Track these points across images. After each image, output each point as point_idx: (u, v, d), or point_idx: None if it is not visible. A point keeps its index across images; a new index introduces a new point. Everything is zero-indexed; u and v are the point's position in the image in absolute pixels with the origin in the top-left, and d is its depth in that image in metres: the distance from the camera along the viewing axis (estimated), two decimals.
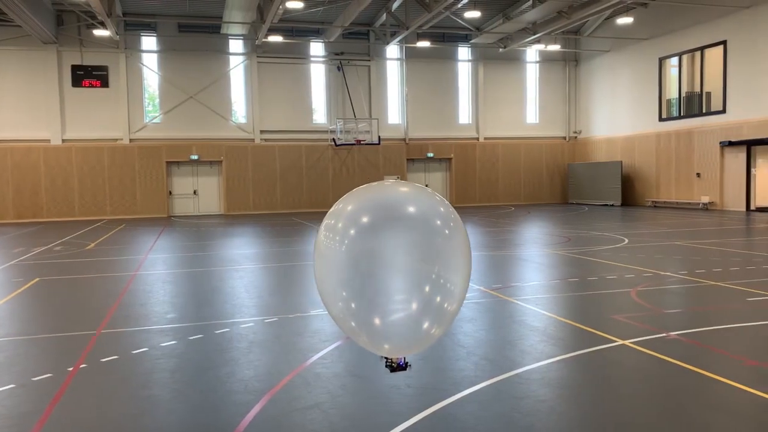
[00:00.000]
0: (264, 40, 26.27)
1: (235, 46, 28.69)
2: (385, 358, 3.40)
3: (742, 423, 4.09)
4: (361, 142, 28.97)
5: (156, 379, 5.15)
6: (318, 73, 29.82)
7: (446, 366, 5.33)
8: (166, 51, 27.75)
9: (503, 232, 17.51)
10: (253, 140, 28.86)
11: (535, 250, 13.26)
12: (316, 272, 3.20)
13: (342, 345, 5.96)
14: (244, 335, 6.43)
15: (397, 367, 3.41)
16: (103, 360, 5.64)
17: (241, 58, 28.66)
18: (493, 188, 31.76)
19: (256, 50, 28.31)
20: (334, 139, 29.18)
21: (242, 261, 12.41)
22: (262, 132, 28.93)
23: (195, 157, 28.10)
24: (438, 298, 2.98)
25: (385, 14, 26.71)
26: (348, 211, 3.04)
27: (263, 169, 28.88)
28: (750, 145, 22.91)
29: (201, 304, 8.30)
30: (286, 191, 29.17)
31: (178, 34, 27.69)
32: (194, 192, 28.67)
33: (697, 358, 5.38)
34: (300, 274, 10.68)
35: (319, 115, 30.12)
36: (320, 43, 29.21)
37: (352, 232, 2.95)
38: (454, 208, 3.25)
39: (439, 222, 3.02)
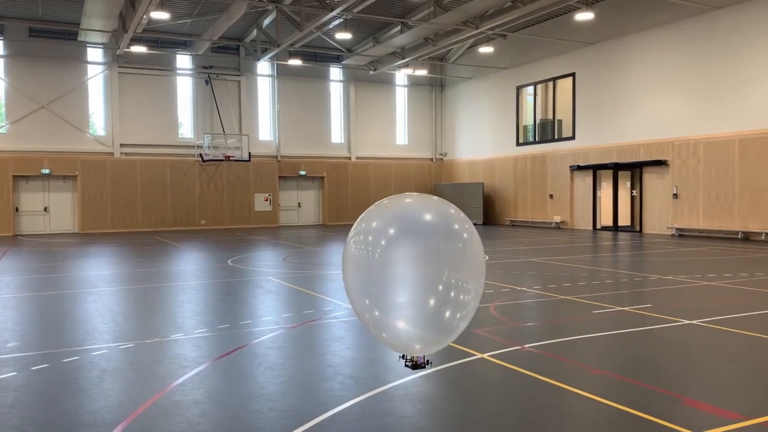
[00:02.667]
0: (126, 49, 25.01)
1: (94, 54, 27.05)
2: (404, 356, 3.61)
3: (588, 429, 4.39)
4: (231, 158, 28.29)
5: None
6: (185, 87, 28.83)
7: (312, 387, 5.28)
8: (14, 56, 25.59)
9: None
10: (112, 154, 27.26)
11: None
12: (346, 281, 3.60)
13: (204, 370, 5.72)
14: (95, 363, 5.99)
15: (417, 365, 3.57)
16: None
17: (100, 68, 27.07)
18: (365, 207, 31.42)
19: (118, 60, 26.89)
20: (201, 155, 28.28)
21: (97, 283, 11.61)
22: (122, 146, 27.41)
23: (46, 171, 26.04)
24: (456, 295, 3.40)
25: (255, 30, 26.42)
26: (374, 225, 3.50)
27: (123, 184, 27.33)
28: (596, 170, 25.02)
29: (47, 330, 7.65)
30: (148, 208, 27.77)
31: (29, 38, 25.66)
32: (45, 209, 26.51)
33: (549, 369, 5.72)
34: (161, 297, 10.17)
35: (186, 130, 29.09)
36: (188, 56, 28.30)
37: (383, 242, 3.36)
38: (327, 226, 3.61)
39: (457, 226, 3.51)
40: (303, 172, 30.89)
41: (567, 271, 12.38)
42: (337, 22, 23.74)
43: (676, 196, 21.85)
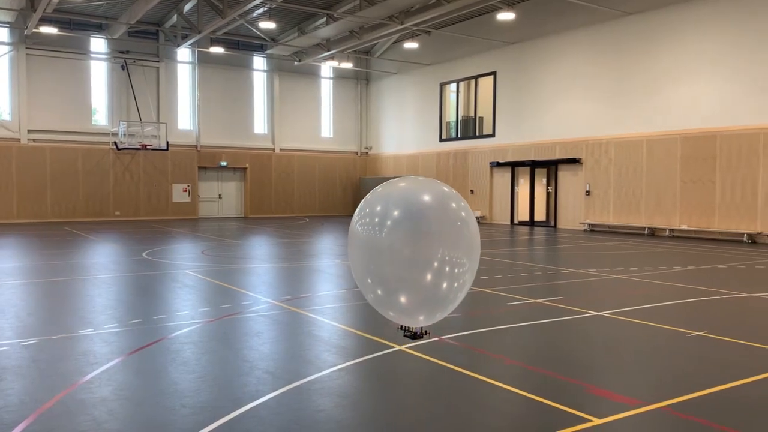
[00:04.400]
0: (35, 30, 23.62)
1: None
2: (401, 327, 3.78)
3: (499, 418, 4.52)
4: (147, 147, 27.32)
5: None
6: (99, 71, 27.57)
7: (227, 383, 5.18)
8: None
9: (296, 243, 17.61)
10: (18, 140, 25.74)
11: (327, 260, 13.52)
12: (351, 259, 3.90)
13: (113, 367, 5.50)
14: None
15: (415, 335, 3.74)
16: None
17: (6, 48, 25.47)
18: (288, 199, 31.86)
19: (25, 41, 25.38)
20: (116, 143, 27.15)
21: None
22: (30, 131, 25.94)
23: None
24: (450, 269, 3.71)
25: (176, 15, 25.55)
26: (378, 209, 3.74)
27: (31, 172, 25.87)
28: (514, 166, 25.76)
29: None
30: (58, 198, 26.42)
31: None
32: None
33: (465, 359, 5.85)
34: (69, 291, 9.70)
35: (100, 116, 27.85)
36: (103, 39, 27.06)
37: (389, 223, 3.64)
38: (249, 219, 3.69)
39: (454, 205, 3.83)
40: (224, 163, 30.21)
41: (485, 264, 12.69)
42: (261, 10, 23.30)
43: (588, 193, 22.80)
